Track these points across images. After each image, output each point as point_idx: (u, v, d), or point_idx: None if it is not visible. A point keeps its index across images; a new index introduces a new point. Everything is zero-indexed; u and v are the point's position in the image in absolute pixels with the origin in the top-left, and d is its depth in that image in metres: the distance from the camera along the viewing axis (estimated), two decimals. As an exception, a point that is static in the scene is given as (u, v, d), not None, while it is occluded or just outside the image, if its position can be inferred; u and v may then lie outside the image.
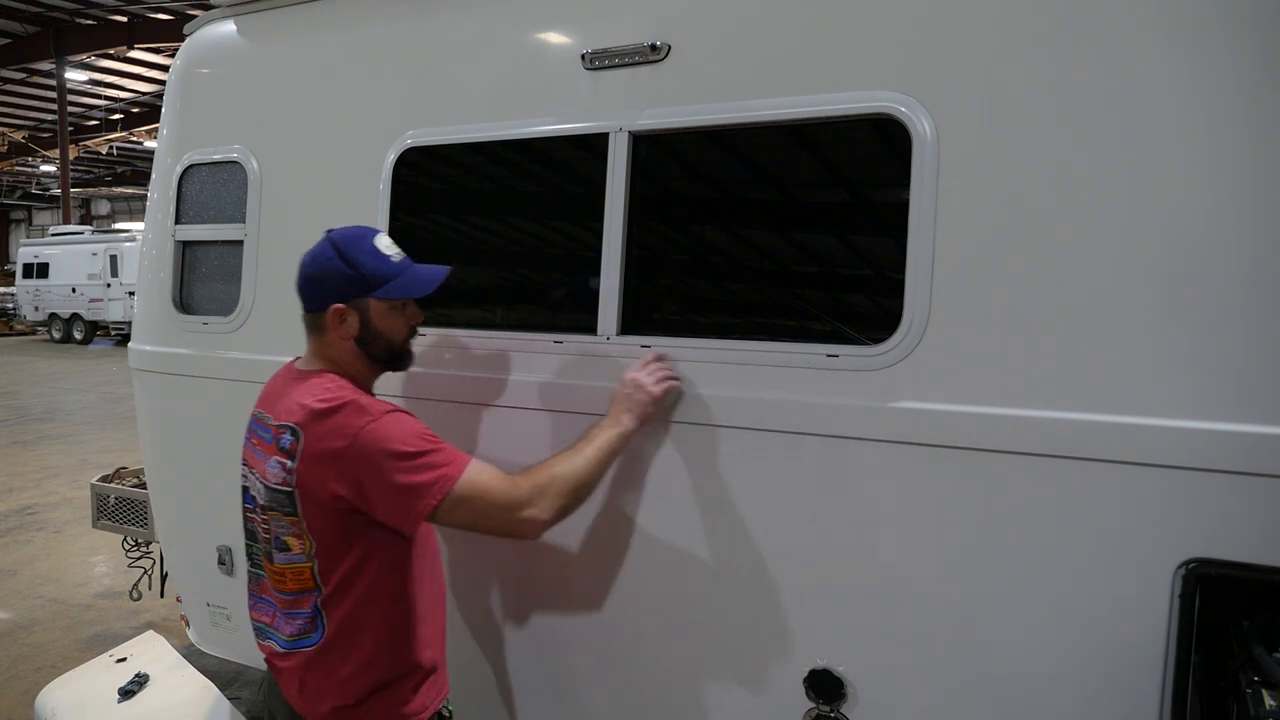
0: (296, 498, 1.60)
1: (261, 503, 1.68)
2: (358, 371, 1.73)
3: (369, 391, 1.73)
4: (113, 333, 21.57)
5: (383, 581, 1.65)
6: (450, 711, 1.81)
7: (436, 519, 1.59)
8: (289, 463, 1.59)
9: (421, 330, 2.19)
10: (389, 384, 2.23)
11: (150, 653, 2.76)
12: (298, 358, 1.79)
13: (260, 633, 1.76)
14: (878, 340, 1.71)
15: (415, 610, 1.71)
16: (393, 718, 1.68)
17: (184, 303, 2.70)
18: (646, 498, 1.95)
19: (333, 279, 1.68)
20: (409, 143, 2.24)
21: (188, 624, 2.89)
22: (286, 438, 1.60)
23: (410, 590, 1.70)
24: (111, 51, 20.81)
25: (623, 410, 1.78)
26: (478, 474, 1.59)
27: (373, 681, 1.66)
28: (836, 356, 1.73)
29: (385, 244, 1.73)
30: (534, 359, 2.06)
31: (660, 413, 1.85)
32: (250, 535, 1.76)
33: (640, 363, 1.86)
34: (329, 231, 1.74)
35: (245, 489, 1.75)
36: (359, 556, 1.62)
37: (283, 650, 1.69)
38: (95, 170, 35.89)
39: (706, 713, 1.94)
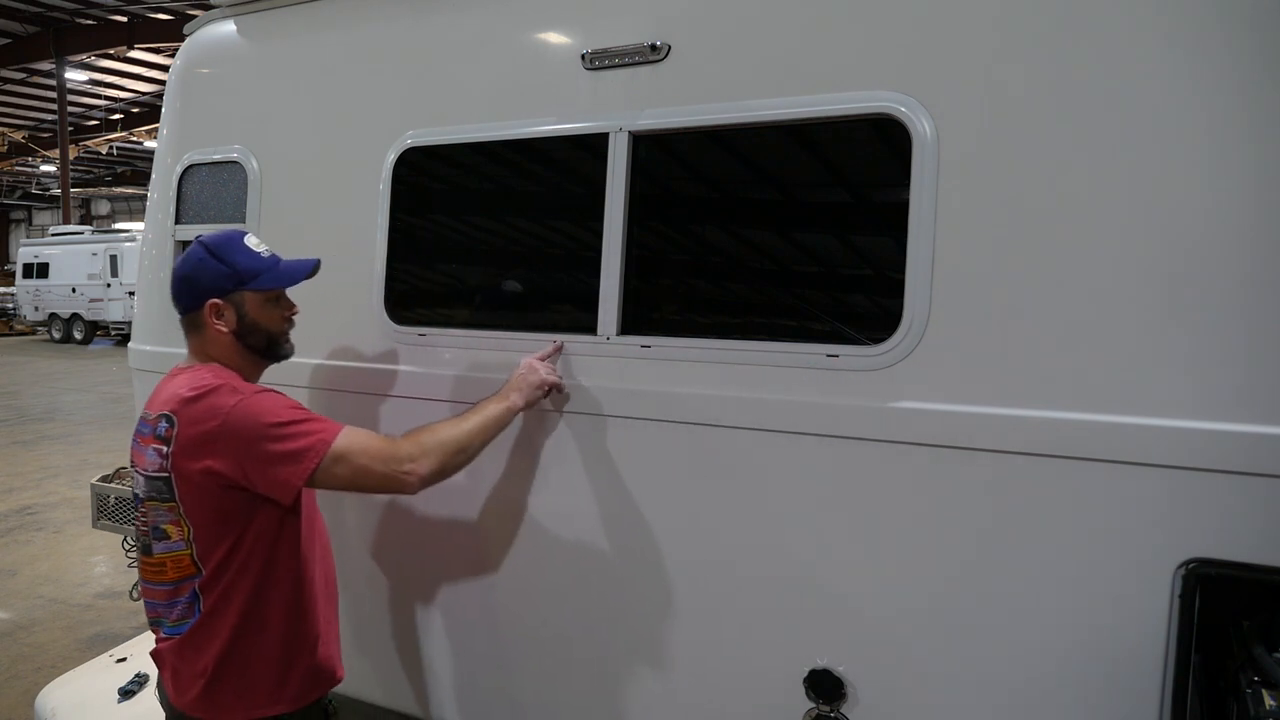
0: (173, 482, 1.65)
1: (141, 495, 1.73)
2: (239, 365, 1.79)
3: (253, 379, 1.81)
4: (113, 333, 21.57)
5: (254, 565, 1.69)
6: (334, 707, 1.84)
7: (316, 482, 1.64)
8: (164, 448, 1.65)
9: (421, 331, 2.21)
10: (383, 384, 2.24)
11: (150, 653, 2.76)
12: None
13: (154, 628, 1.79)
14: (878, 340, 1.70)
15: (295, 596, 1.75)
16: (256, 703, 1.71)
17: (184, 303, 2.70)
18: (646, 497, 1.95)
19: (207, 276, 1.76)
20: (409, 143, 2.24)
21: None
22: (162, 425, 1.67)
23: (290, 575, 1.74)
24: (111, 51, 20.82)
25: (514, 389, 1.88)
26: (353, 434, 1.67)
27: (238, 664, 1.70)
28: (836, 356, 1.73)
29: (254, 242, 1.82)
30: (534, 359, 2.06)
31: (545, 399, 1.96)
32: (137, 536, 1.81)
33: (541, 351, 1.97)
34: (198, 237, 1.83)
35: (133, 493, 1.79)
36: (235, 538, 1.67)
37: (164, 636, 1.74)
38: (95, 170, 35.90)
39: (707, 712, 1.94)
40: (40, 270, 22.23)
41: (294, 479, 1.61)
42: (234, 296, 1.76)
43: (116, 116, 26.93)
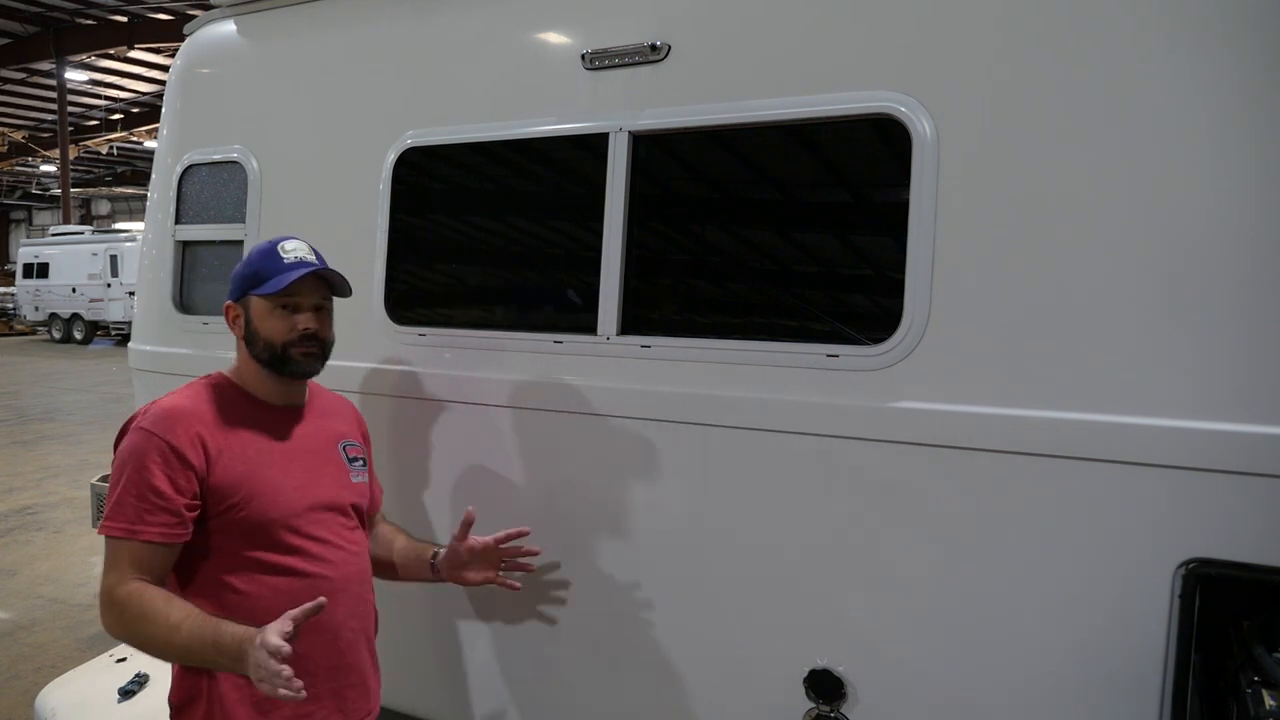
0: None
1: None
2: (250, 372, 1.75)
3: (263, 393, 1.73)
4: (113, 333, 21.57)
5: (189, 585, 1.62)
6: None
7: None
8: None
9: (421, 331, 2.21)
10: (384, 384, 2.24)
11: (150, 653, 2.76)
12: None
13: None
14: (878, 340, 1.70)
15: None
16: None
17: (184, 303, 2.70)
18: (646, 498, 1.95)
19: (235, 279, 1.75)
20: (409, 143, 2.24)
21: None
22: None
23: (222, 603, 1.59)
24: (111, 51, 20.81)
25: (240, 646, 1.44)
26: (116, 547, 1.54)
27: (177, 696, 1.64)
28: (836, 356, 1.73)
29: (291, 246, 1.72)
30: (534, 359, 2.06)
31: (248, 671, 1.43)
32: None
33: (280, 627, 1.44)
34: None
35: None
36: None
37: None
38: (95, 170, 35.89)
39: (707, 713, 1.94)
40: (40, 270, 22.23)
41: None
42: (245, 301, 1.72)
43: (116, 116, 26.92)
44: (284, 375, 1.72)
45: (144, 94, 25.19)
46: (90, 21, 20.40)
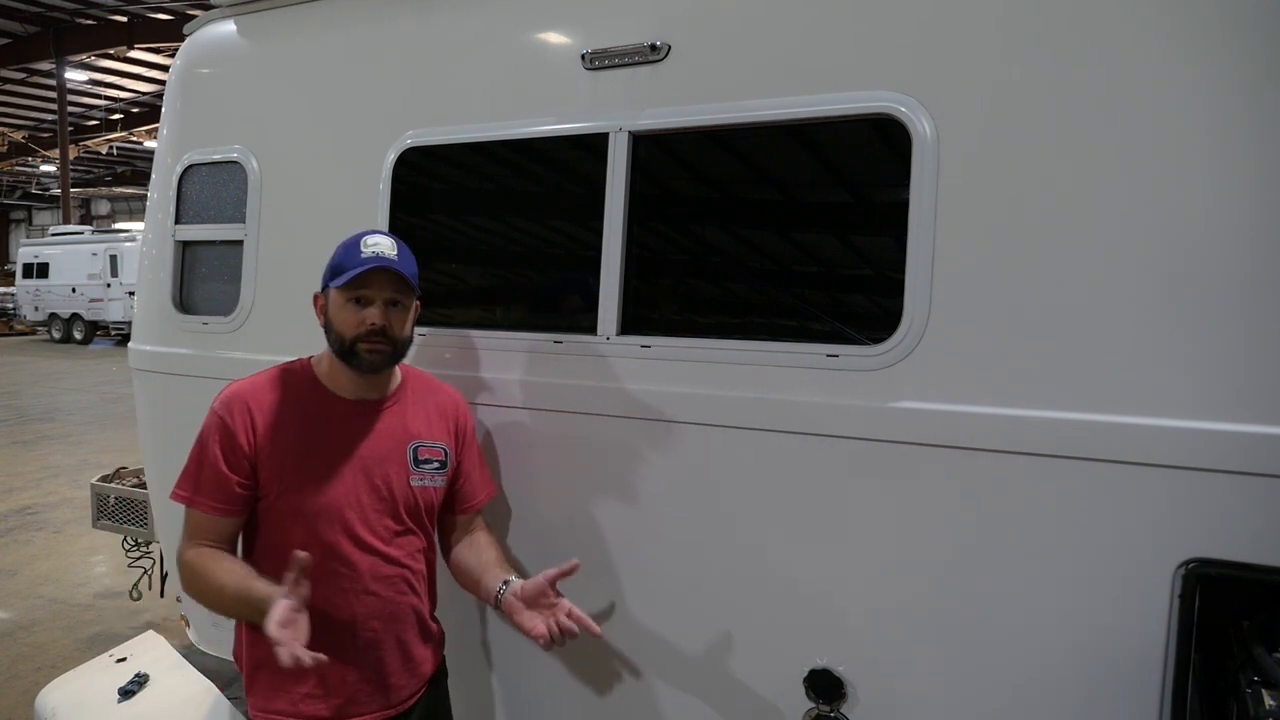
0: None
1: None
2: (331, 364, 1.78)
3: (337, 384, 1.77)
4: (113, 333, 21.57)
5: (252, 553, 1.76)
6: None
7: None
8: None
9: (421, 330, 2.21)
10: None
11: (150, 653, 2.76)
12: None
13: None
14: (878, 340, 1.70)
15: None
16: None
17: (184, 303, 2.70)
18: (646, 498, 1.95)
19: (326, 268, 1.76)
20: (409, 143, 2.24)
21: (188, 624, 2.89)
22: None
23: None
24: (111, 51, 20.81)
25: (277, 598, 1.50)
26: (186, 512, 1.71)
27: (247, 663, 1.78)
28: (836, 356, 1.73)
29: (373, 240, 1.72)
30: (534, 359, 2.06)
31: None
32: None
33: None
34: None
35: None
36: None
37: None
38: (95, 170, 35.88)
39: (706, 712, 1.94)
40: (40, 270, 22.23)
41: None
42: (327, 291, 1.74)
43: (116, 116, 26.91)
44: (352, 368, 1.74)
45: (144, 94, 25.19)
46: (90, 21, 20.40)
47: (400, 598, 1.79)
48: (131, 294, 18.23)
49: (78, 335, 21.70)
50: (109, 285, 20.64)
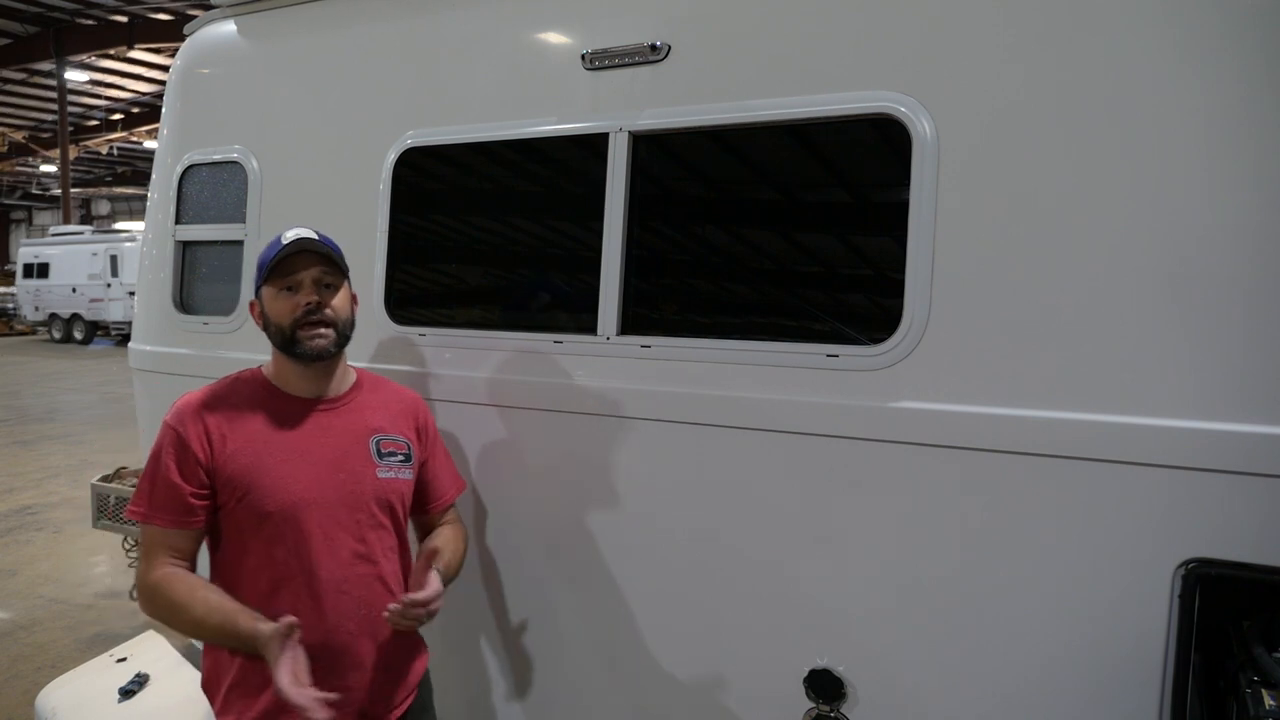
0: None
1: None
2: (275, 364, 1.78)
3: (289, 385, 1.76)
4: (113, 333, 21.57)
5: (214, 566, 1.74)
6: None
7: None
8: None
9: (421, 331, 2.21)
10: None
11: (150, 653, 2.76)
12: None
13: None
14: (878, 340, 1.70)
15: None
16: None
17: (184, 303, 2.70)
18: (645, 498, 1.95)
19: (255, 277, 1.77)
20: (409, 143, 2.24)
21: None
22: None
23: (231, 583, 1.68)
24: (111, 51, 20.80)
25: (270, 637, 1.49)
26: (143, 531, 1.67)
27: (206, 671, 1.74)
28: (836, 356, 1.73)
29: (291, 232, 1.72)
30: (534, 359, 2.06)
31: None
32: None
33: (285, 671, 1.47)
34: None
35: None
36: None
37: None
38: (95, 170, 35.88)
39: (706, 713, 1.94)
40: (40, 270, 22.22)
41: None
42: (261, 292, 1.74)
43: (117, 117, 26.91)
44: (297, 358, 1.71)
45: (144, 94, 25.18)
46: (90, 21, 20.39)
47: (375, 598, 1.71)
48: (132, 294, 18.23)
49: (78, 335, 21.69)
50: (109, 285, 20.63)
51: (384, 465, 1.77)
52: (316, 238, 1.73)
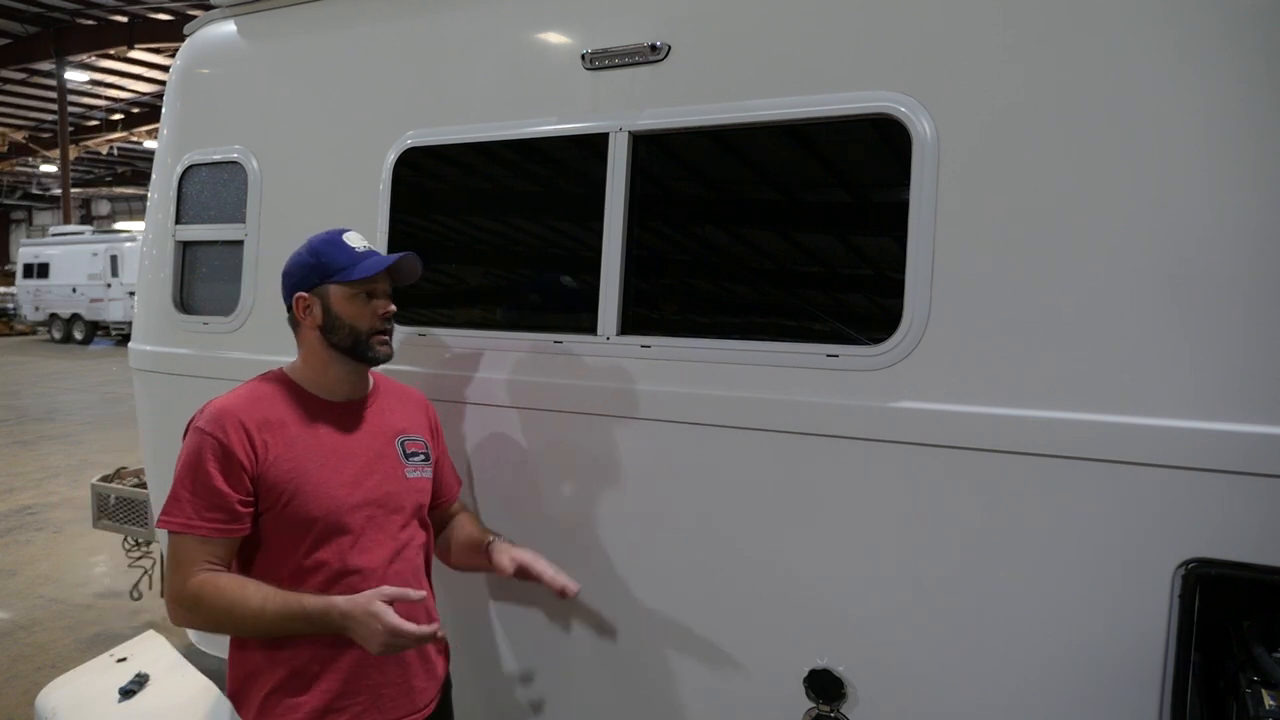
0: None
1: None
2: (324, 362, 1.76)
3: (322, 389, 1.75)
4: (113, 333, 21.57)
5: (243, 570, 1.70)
6: None
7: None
8: None
9: (421, 331, 2.21)
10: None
11: (150, 653, 2.76)
12: None
13: None
14: (878, 340, 1.71)
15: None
16: None
17: (184, 303, 2.70)
18: (646, 498, 1.95)
19: (299, 270, 1.75)
20: (409, 143, 2.24)
21: (188, 624, 2.89)
22: None
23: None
24: (112, 52, 20.80)
25: (346, 608, 1.55)
26: (178, 542, 1.61)
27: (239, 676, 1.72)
28: (836, 356, 1.73)
29: (352, 237, 1.77)
30: (534, 359, 2.06)
31: (374, 634, 1.53)
32: None
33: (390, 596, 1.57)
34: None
35: None
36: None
37: None
38: (95, 170, 35.89)
39: (707, 712, 1.94)
40: (41, 270, 22.23)
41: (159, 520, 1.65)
42: (320, 290, 1.72)
43: (117, 117, 26.91)
44: (363, 362, 1.76)
45: (144, 94, 25.18)
46: (90, 22, 20.40)
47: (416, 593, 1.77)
48: (132, 294, 18.23)
49: (78, 335, 21.69)
50: (109, 285, 20.63)
51: (410, 465, 1.81)
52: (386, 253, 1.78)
